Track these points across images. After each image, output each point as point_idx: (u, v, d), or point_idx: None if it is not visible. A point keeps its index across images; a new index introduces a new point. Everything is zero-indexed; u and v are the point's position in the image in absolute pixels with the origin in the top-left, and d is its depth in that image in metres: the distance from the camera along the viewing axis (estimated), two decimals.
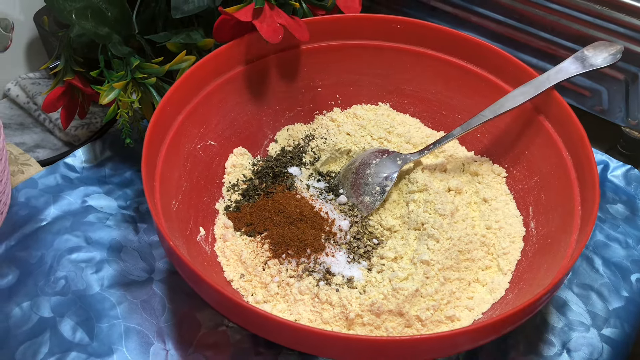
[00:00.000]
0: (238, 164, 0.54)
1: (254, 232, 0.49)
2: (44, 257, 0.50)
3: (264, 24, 0.51)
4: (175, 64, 0.53)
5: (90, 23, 0.51)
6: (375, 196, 0.52)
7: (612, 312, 0.49)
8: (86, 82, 0.56)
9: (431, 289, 0.45)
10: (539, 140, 0.50)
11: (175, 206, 0.47)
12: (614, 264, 0.53)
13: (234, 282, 0.47)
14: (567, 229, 0.44)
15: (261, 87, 0.56)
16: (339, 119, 0.59)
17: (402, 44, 0.57)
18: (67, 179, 0.57)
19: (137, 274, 0.50)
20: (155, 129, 0.46)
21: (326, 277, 0.46)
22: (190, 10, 0.54)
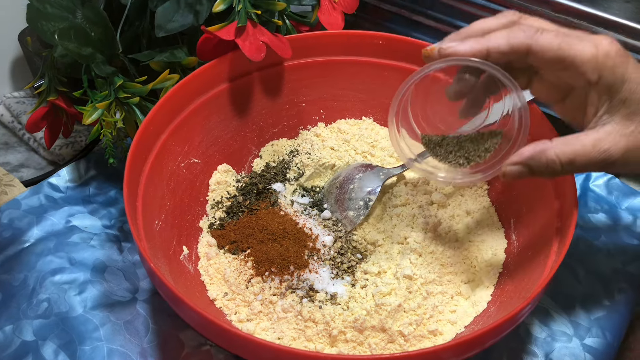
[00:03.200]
0: (222, 181, 0.55)
1: (237, 250, 0.50)
2: (27, 279, 0.50)
3: (246, 42, 0.51)
4: (158, 82, 0.53)
5: (74, 43, 0.51)
6: (359, 211, 0.53)
7: (594, 322, 0.50)
8: (70, 102, 0.56)
9: (414, 304, 0.45)
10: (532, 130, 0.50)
11: (158, 226, 0.47)
12: (596, 274, 0.53)
13: (217, 301, 0.47)
14: (547, 241, 0.44)
15: (245, 103, 0.57)
16: (323, 134, 0.59)
17: (385, 60, 0.57)
18: (51, 199, 0.57)
19: (121, 294, 0.50)
20: (137, 149, 0.46)
21: (309, 294, 0.47)
22: (174, 28, 0.54)
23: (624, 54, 0.38)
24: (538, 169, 0.39)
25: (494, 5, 0.61)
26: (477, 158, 0.44)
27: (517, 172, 0.39)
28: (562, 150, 0.38)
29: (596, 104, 0.39)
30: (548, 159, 0.38)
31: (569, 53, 0.38)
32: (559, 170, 0.38)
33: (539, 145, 0.39)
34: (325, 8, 0.58)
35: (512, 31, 0.39)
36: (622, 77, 0.37)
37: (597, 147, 0.38)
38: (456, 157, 0.44)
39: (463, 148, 0.44)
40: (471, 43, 0.39)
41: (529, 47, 0.38)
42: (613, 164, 0.38)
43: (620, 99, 0.38)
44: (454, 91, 0.43)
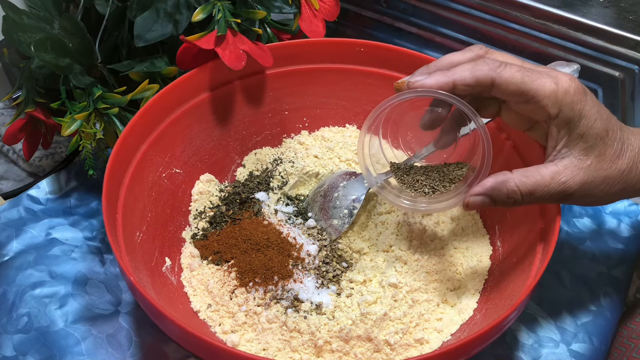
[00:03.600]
0: (205, 190, 0.54)
1: (220, 261, 0.49)
2: (6, 293, 0.49)
3: (226, 51, 0.51)
4: (138, 93, 0.52)
5: (50, 55, 0.51)
6: (344, 219, 0.52)
7: (581, 327, 0.50)
8: (48, 113, 0.55)
9: (400, 312, 0.45)
10: (502, 160, 0.51)
11: (140, 237, 0.46)
12: (582, 279, 0.53)
13: (201, 313, 0.46)
14: (531, 247, 0.44)
15: (227, 112, 0.56)
16: (307, 142, 0.59)
17: (367, 67, 0.57)
18: (31, 212, 0.56)
19: (103, 307, 0.49)
20: (117, 160, 0.45)
21: (294, 304, 0.46)
22: (154, 38, 0.54)
23: (582, 91, 0.40)
24: (500, 199, 0.40)
25: (475, 11, 0.61)
26: (442, 188, 0.46)
27: (480, 203, 0.41)
28: (522, 181, 0.40)
29: (556, 137, 0.40)
30: (509, 190, 0.40)
31: (531, 87, 0.39)
32: (519, 200, 0.40)
33: (500, 177, 0.40)
34: (307, 16, 0.58)
35: (477, 64, 0.40)
36: (580, 113, 0.39)
37: (556, 179, 0.40)
38: (422, 185, 0.46)
39: (429, 177, 0.47)
40: (438, 77, 0.41)
41: (493, 80, 0.40)
42: (571, 196, 0.40)
43: (578, 134, 0.39)
44: (426, 122, 0.45)
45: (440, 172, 0.46)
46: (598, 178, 0.40)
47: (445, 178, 0.46)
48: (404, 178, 0.47)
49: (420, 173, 0.47)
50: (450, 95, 0.41)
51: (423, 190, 0.46)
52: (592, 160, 0.39)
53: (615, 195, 0.41)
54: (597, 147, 0.39)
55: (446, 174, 0.46)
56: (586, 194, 0.40)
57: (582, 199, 0.41)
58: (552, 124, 0.40)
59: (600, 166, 0.40)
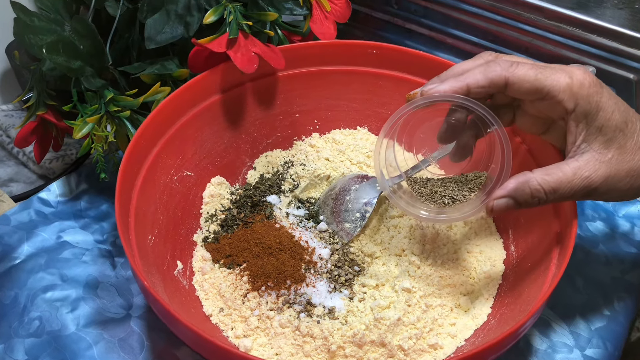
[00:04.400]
0: (216, 193, 0.54)
1: (232, 264, 0.49)
2: (18, 297, 0.49)
3: (238, 53, 0.51)
4: (149, 95, 0.52)
5: (62, 57, 0.51)
6: (356, 222, 0.52)
7: (595, 332, 0.49)
8: (59, 116, 0.55)
9: (413, 317, 0.44)
10: (516, 163, 0.50)
11: (152, 241, 0.46)
12: (595, 283, 0.53)
13: (213, 317, 0.46)
14: (546, 252, 0.44)
15: (238, 115, 0.56)
16: (317, 145, 0.58)
17: (378, 69, 0.57)
18: (42, 215, 0.56)
19: (114, 311, 0.49)
20: (129, 164, 0.45)
21: (307, 309, 0.46)
22: (164, 40, 0.54)
23: (598, 84, 0.39)
24: (524, 200, 0.40)
25: (487, 12, 0.60)
26: (462, 197, 0.45)
27: (504, 205, 0.40)
28: (545, 179, 0.39)
29: (574, 132, 0.40)
30: (532, 189, 0.39)
31: (545, 83, 0.39)
32: (543, 199, 0.39)
33: (521, 177, 0.40)
34: (318, 18, 0.58)
35: (489, 66, 0.40)
36: (597, 105, 0.38)
37: (578, 174, 0.39)
38: (441, 196, 0.46)
39: (448, 188, 0.46)
40: (451, 82, 0.40)
41: (507, 79, 0.39)
42: (596, 191, 0.39)
43: (596, 127, 0.39)
44: (442, 134, 0.45)
45: (458, 182, 0.46)
46: (621, 171, 0.39)
47: (464, 187, 0.46)
48: (422, 190, 0.47)
49: (438, 185, 0.47)
50: (465, 98, 0.41)
51: (442, 202, 0.46)
52: (612, 153, 0.39)
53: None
54: (616, 139, 0.39)
55: (464, 183, 0.46)
56: (611, 188, 0.39)
57: (607, 194, 0.40)
58: (570, 119, 0.39)
59: (622, 158, 0.39)
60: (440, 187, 0.46)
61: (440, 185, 0.46)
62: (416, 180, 0.48)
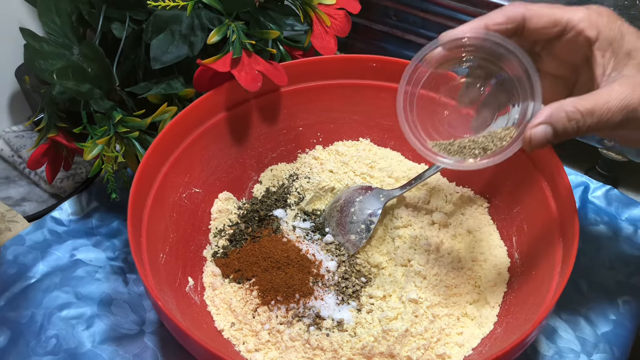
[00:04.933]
0: (224, 209, 0.55)
1: (242, 279, 0.50)
2: (34, 315, 0.50)
3: (242, 72, 0.52)
4: (157, 116, 0.53)
5: (72, 81, 0.52)
6: (361, 234, 0.53)
7: (601, 337, 0.50)
8: (70, 137, 0.56)
9: (421, 328, 0.45)
10: (518, 171, 0.51)
11: (163, 259, 0.47)
12: (600, 287, 0.53)
13: (225, 332, 0.47)
14: (550, 260, 0.45)
15: (243, 131, 0.57)
16: (321, 157, 0.59)
17: (379, 81, 0.58)
18: (55, 233, 0.57)
19: (128, 327, 0.50)
20: (139, 185, 0.46)
21: (316, 322, 0.47)
22: (170, 60, 0.55)
23: (614, 13, 0.38)
24: (561, 125, 0.37)
25: None
26: (494, 146, 0.42)
27: (543, 133, 0.37)
28: (580, 102, 0.37)
29: (602, 63, 0.38)
30: (568, 112, 0.36)
31: (562, 15, 0.38)
32: (582, 122, 0.36)
33: (554, 104, 0.37)
34: (318, 33, 0.59)
35: (505, 7, 0.39)
36: (620, 30, 0.37)
37: (614, 96, 0.36)
38: (471, 149, 0.43)
39: (476, 142, 0.43)
40: (469, 24, 0.40)
41: (523, 15, 0.39)
42: (635, 112, 0.36)
43: (625, 52, 0.37)
44: (464, 96, 0.43)
45: (486, 137, 0.43)
46: None
47: (494, 138, 0.42)
48: (449, 149, 0.43)
49: (465, 141, 0.43)
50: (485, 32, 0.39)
51: (473, 153, 0.42)
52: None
53: None
54: None
55: (494, 135, 0.42)
56: None
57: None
58: (595, 50, 0.38)
59: None
60: (468, 142, 0.43)
61: (468, 141, 0.43)
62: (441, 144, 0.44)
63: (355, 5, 0.60)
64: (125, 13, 0.57)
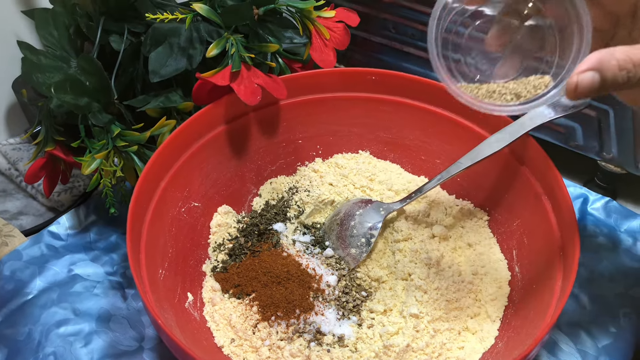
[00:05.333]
0: (223, 223, 0.55)
1: (242, 294, 0.50)
2: (32, 332, 0.50)
3: (241, 86, 0.52)
4: (156, 129, 0.53)
5: (70, 95, 0.52)
6: (362, 248, 0.53)
7: (602, 350, 0.50)
8: (68, 151, 0.56)
9: (422, 343, 0.45)
10: (518, 185, 0.51)
11: (162, 275, 0.47)
12: (601, 300, 0.53)
13: (225, 348, 0.47)
14: (551, 274, 0.45)
15: (242, 144, 0.57)
16: (321, 170, 0.59)
17: (378, 94, 0.58)
18: (52, 248, 0.57)
19: (127, 344, 0.50)
20: (138, 200, 0.46)
21: (317, 337, 0.46)
22: (168, 73, 0.55)
23: None
24: (611, 73, 0.34)
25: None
26: (527, 93, 0.39)
27: (590, 80, 0.35)
28: (633, 52, 0.34)
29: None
30: (620, 61, 0.34)
31: None
32: (632, 74, 0.34)
33: (603, 51, 0.35)
34: (318, 45, 0.59)
35: None
36: None
37: None
38: (501, 95, 0.40)
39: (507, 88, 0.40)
40: None
41: None
42: None
43: None
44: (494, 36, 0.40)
45: (517, 83, 0.40)
46: None
47: (527, 85, 0.39)
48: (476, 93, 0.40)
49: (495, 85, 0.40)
50: None
51: (504, 98, 0.39)
52: None
53: None
54: None
55: (526, 83, 0.40)
56: None
57: None
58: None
59: None
60: (497, 87, 0.40)
61: (497, 86, 0.40)
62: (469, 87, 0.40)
63: (354, 17, 0.60)
64: (123, 26, 0.56)
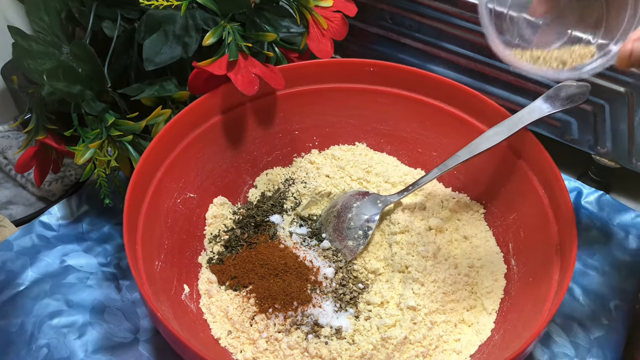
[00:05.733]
0: (219, 214, 0.54)
1: (238, 286, 0.49)
2: (24, 324, 0.49)
3: (238, 75, 0.51)
4: (151, 119, 0.52)
5: (62, 82, 0.51)
6: (359, 240, 0.53)
7: (594, 341, 0.51)
8: (59, 139, 0.55)
9: (419, 335, 0.45)
10: (515, 178, 0.52)
11: (159, 266, 0.47)
12: (593, 292, 0.54)
13: (222, 340, 0.47)
14: (547, 268, 0.45)
15: (238, 134, 0.56)
16: (317, 161, 0.59)
17: (376, 86, 0.58)
18: (44, 239, 0.56)
19: (122, 336, 0.49)
20: (134, 191, 0.46)
21: (314, 330, 0.46)
22: (163, 61, 0.54)
23: None
24: None
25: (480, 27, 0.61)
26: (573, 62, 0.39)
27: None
28: None
29: None
30: None
31: None
32: None
33: None
34: (315, 35, 0.58)
35: None
36: None
37: None
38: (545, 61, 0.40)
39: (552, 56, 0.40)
40: None
41: None
42: None
43: None
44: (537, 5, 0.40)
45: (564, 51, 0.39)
46: None
47: (573, 54, 0.39)
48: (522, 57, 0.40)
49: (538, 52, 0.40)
50: None
51: (550, 65, 0.39)
52: None
53: None
54: None
55: (572, 51, 0.39)
56: None
57: None
58: None
59: None
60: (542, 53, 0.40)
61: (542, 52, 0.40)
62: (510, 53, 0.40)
63: (352, 7, 0.59)
64: (116, 11, 0.55)
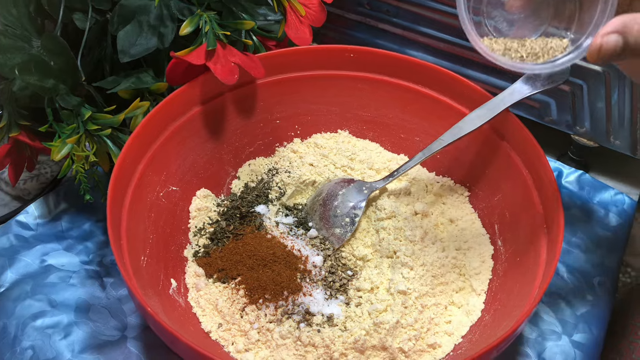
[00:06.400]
0: (203, 206, 0.53)
1: (227, 278, 0.49)
2: (7, 327, 0.48)
3: (218, 65, 0.50)
4: (129, 112, 0.51)
5: (35, 77, 0.49)
6: (346, 227, 0.52)
7: (580, 317, 0.52)
8: (34, 136, 0.53)
9: (411, 319, 0.45)
10: (498, 160, 0.52)
11: (145, 262, 0.46)
12: (577, 270, 0.55)
13: (213, 333, 0.46)
14: (534, 247, 0.46)
15: (219, 125, 0.56)
16: (300, 150, 0.58)
17: (357, 72, 0.57)
18: (22, 239, 0.54)
19: (109, 334, 0.48)
20: (116, 186, 0.44)
21: (306, 318, 0.46)
22: (138, 53, 0.52)
23: None
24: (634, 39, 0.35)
25: None
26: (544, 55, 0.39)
27: (613, 43, 0.35)
28: None
29: None
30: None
31: None
32: None
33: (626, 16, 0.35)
34: (292, 23, 0.57)
35: None
36: None
37: None
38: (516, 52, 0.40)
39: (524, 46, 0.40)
40: None
41: None
42: None
43: None
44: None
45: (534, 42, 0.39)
46: None
47: (544, 46, 0.39)
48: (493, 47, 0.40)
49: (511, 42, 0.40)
50: None
51: (519, 56, 0.39)
52: None
53: None
54: None
55: (545, 43, 0.39)
56: None
57: None
58: None
59: None
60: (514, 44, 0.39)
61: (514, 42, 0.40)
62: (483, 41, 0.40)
63: None
64: (87, 2, 0.54)
